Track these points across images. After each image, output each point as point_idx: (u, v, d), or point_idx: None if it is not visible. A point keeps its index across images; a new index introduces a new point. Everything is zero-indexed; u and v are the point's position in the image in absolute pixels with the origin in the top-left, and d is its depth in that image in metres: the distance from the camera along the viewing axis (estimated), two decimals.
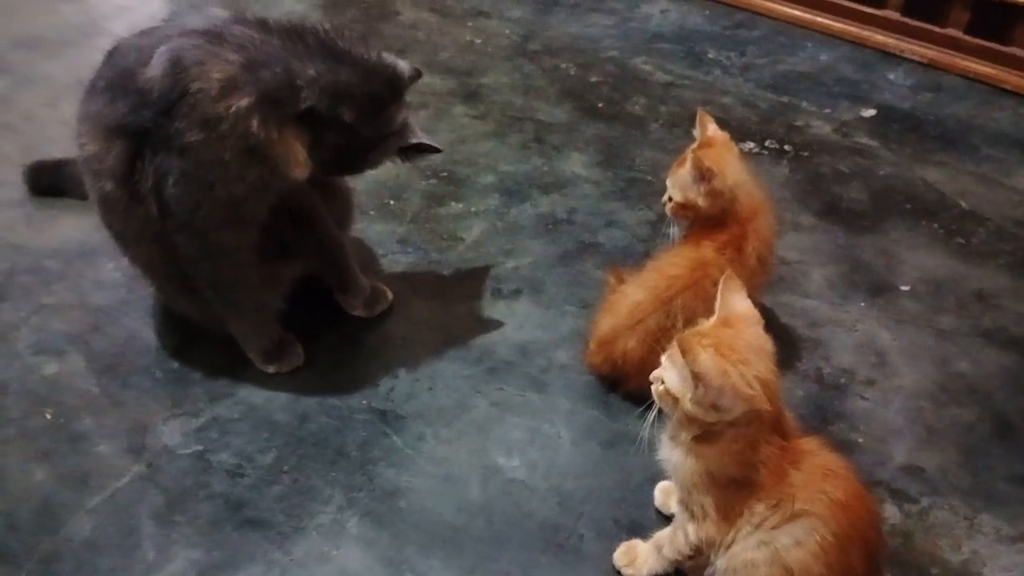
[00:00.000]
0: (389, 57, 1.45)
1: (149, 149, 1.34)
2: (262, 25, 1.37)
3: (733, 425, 1.08)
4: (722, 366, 1.05)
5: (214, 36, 1.33)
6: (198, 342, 1.66)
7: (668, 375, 1.12)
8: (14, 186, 2.01)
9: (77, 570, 1.30)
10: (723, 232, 1.52)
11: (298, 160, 1.39)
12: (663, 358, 1.15)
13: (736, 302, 1.17)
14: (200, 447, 1.48)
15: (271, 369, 1.61)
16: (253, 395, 1.58)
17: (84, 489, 1.40)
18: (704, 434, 1.11)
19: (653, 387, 1.15)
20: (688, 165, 1.53)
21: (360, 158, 1.46)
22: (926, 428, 1.59)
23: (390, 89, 1.42)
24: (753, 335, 1.13)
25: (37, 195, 2.00)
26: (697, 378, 1.05)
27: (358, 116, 1.38)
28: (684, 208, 1.56)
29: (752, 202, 1.55)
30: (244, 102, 1.30)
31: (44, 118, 2.27)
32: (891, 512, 1.43)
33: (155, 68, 1.32)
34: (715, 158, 1.52)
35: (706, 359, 1.05)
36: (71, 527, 1.35)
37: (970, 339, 1.77)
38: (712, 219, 1.54)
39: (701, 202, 1.52)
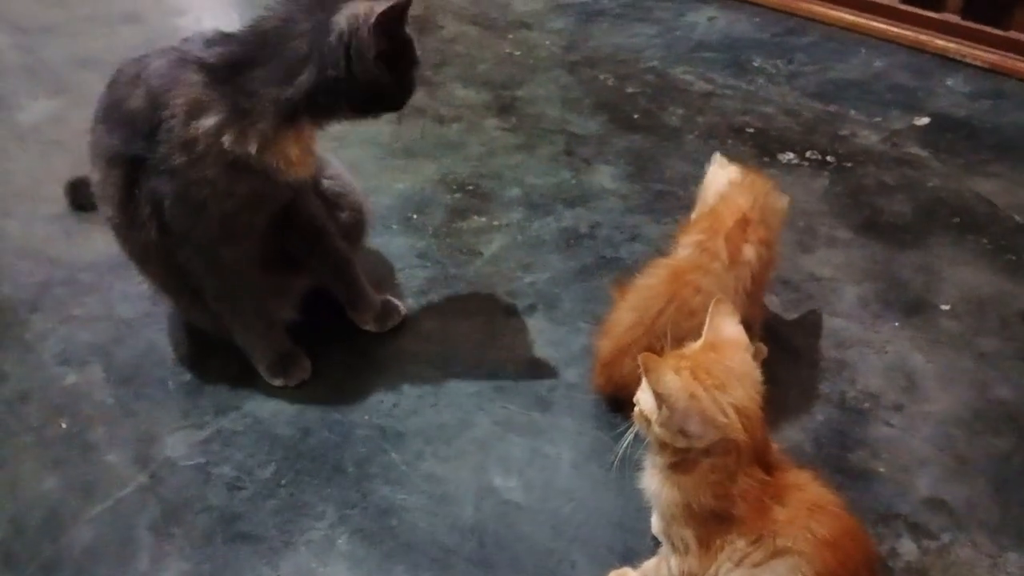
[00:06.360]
0: None
1: (143, 177, 1.38)
2: (225, 38, 1.37)
3: (708, 454, 1.03)
4: (692, 389, 1.00)
5: (180, 59, 1.35)
6: (213, 354, 1.69)
7: (644, 396, 1.07)
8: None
9: None
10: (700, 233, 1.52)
11: (290, 161, 1.38)
12: (644, 378, 1.10)
13: (724, 326, 1.12)
14: (203, 459, 1.50)
15: (278, 382, 1.62)
16: (259, 408, 1.59)
17: (89, 498, 1.44)
18: (680, 462, 1.06)
19: (635, 408, 1.11)
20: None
21: (392, 89, 1.40)
22: (956, 458, 1.48)
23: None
24: (738, 361, 1.07)
25: (77, 210, 2.08)
26: (660, 399, 1.00)
27: (361, 67, 1.33)
28: None
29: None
30: (211, 121, 1.31)
31: None
32: (908, 548, 1.34)
33: (136, 99, 1.37)
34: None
35: (671, 380, 1.00)
36: (73, 534, 1.38)
37: (1013, 363, 1.65)
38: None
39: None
